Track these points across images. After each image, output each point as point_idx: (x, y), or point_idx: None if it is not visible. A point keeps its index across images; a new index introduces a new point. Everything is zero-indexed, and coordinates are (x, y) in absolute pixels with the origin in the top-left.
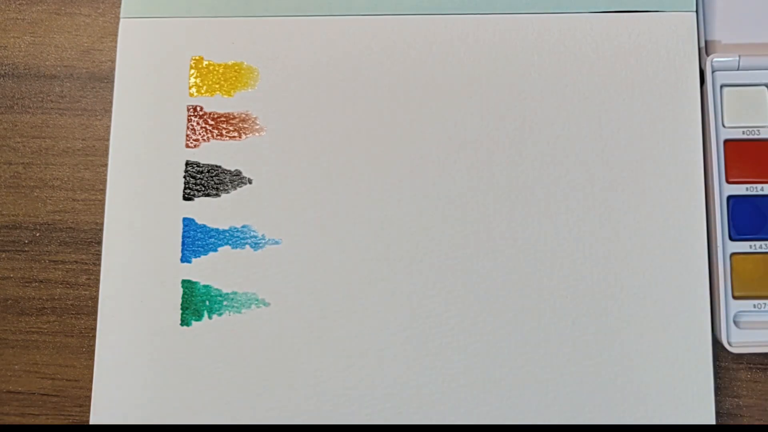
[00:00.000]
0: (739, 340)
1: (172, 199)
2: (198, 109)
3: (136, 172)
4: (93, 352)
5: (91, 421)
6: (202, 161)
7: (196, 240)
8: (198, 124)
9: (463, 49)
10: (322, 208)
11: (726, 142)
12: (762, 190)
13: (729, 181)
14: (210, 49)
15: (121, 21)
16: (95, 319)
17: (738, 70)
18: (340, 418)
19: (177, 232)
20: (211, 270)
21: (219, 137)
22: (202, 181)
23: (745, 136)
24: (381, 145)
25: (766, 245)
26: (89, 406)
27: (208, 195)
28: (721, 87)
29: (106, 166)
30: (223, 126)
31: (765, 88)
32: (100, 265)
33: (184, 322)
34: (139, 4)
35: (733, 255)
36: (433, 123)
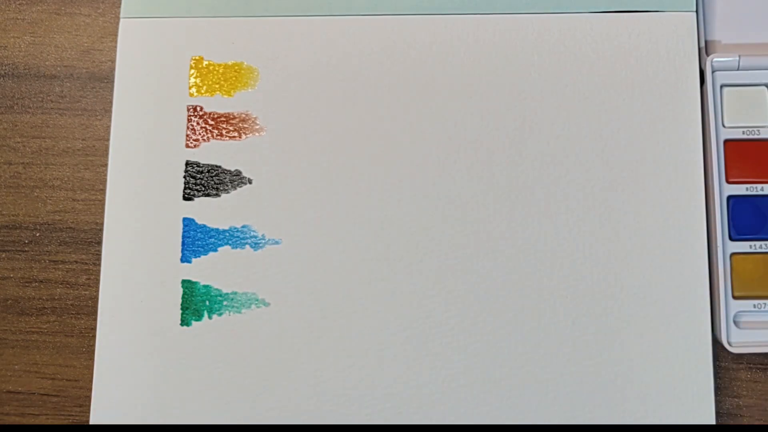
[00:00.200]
0: (739, 340)
1: (172, 199)
2: (198, 109)
3: (136, 172)
4: (93, 352)
5: (91, 421)
6: (202, 161)
7: (196, 240)
8: (198, 124)
9: (463, 49)
10: (322, 208)
11: (726, 142)
12: (762, 190)
13: (729, 181)
14: (210, 49)
15: (121, 21)
16: (95, 319)
17: (738, 70)
18: (340, 418)
19: (177, 232)
20: (211, 270)
21: (219, 137)
22: (202, 181)
23: (745, 136)
24: (381, 145)
25: (766, 245)
26: (89, 406)
27: (208, 195)
28: (721, 87)
29: (106, 166)
30: (223, 126)
31: (765, 88)
32: (100, 265)
33: (184, 322)
34: (139, 4)
35: (733, 255)
36: (433, 123)
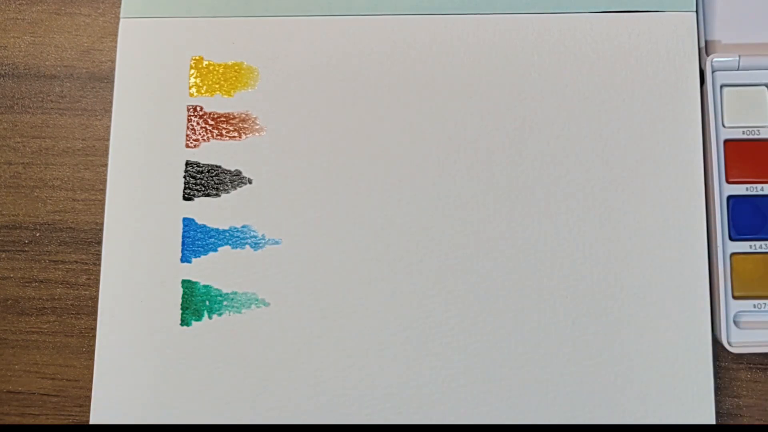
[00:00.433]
0: (739, 340)
1: (172, 199)
2: (198, 109)
3: (136, 172)
4: (93, 352)
5: (91, 421)
6: (202, 161)
7: (196, 240)
8: (198, 124)
9: (463, 49)
10: (322, 208)
11: (726, 142)
12: (762, 190)
13: (729, 181)
14: (210, 49)
15: (121, 21)
16: (95, 319)
17: (738, 70)
18: (340, 418)
19: (177, 232)
20: (211, 270)
21: (219, 137)
22: (202, 181)
23: (745, 136)
24: (381, 145)
25: (766, 245)
26: (89, 406)
27: (208, 195)
28: (721, 87)
29: (106, 166)
30: (223, 126)
31: (765, 88)
32: (100, 265)
33: (184, 322)
34: (139, 4)
35: (733, 255)
36: (433, 123)
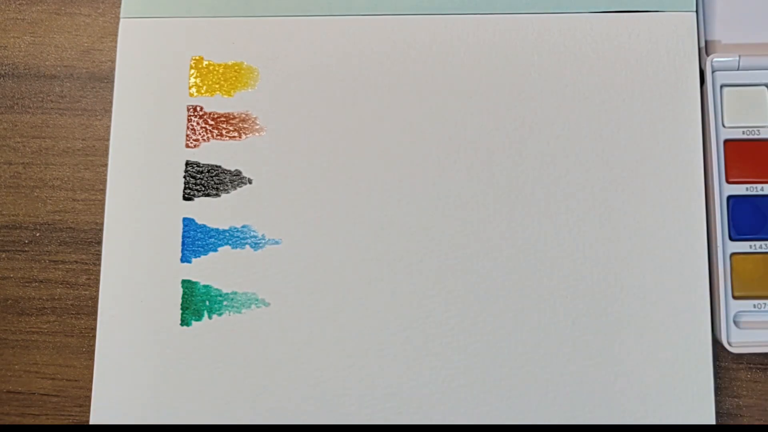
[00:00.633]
0: (739, 340)
1: (172, 199)
2: (198, 109)
3: (136, 172)
4: (93, 352)
5: (91, 421)
6: (202, 161)
7: (196, 240)
8: (198, 124)
9: (463, 49)
10: (322, 208)
11: (726, 142)
12: (762, 190)
13: (729, 181)
14: (210, 49)
15: (121, 21)
16: (95, 319)
17: (738, 70)
18: (340, 418)
19: (177, 232)
20: (211, 270)
21: (219, 137)
22: (202, 181)
23: (745, 136)
24: (381, 145)
25: (766, 245)
26: (89, 406)
27: (208, 195)
28: (721, 87)
29: (106, 166)
30: (223, 126)
31: (765, 88)
32: (100, 265)
33: (184, 322)
34: (139, 4)
35: (733, 255)
36: (433, 123)
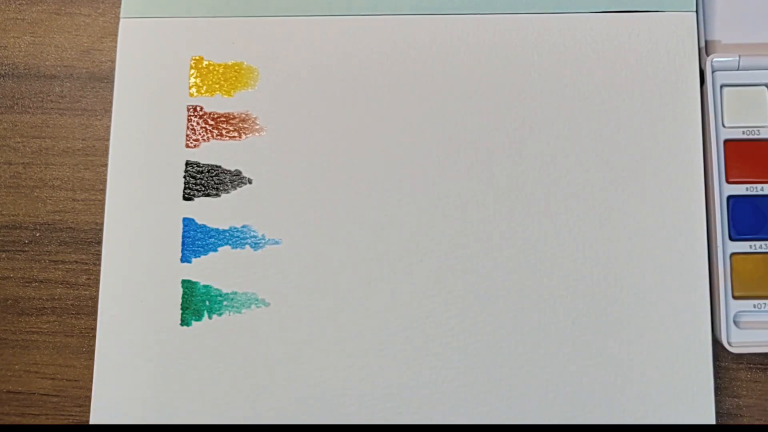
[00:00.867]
0: (739, 340)
1: (172, 199)
2: (198, 109)
3: (136, 172)
4: (93, 352)
5: (91, 421)
6: (202, 161)
7: (196, 240)
8: (198, 124)
9: (463, 49)
10: (322, 208)
11: (726, 142)
12: (762, 190)
13: (729, 181)
14: (210, 49)
15: (121, 21)
16: (95, 319)
17: (738, 70)
18: (340, 418)
19: (177, 232)
20: (211, 270)
21: (219, 137)
22: (202, 181)
23: (745, 136)
24: (381, 145)
25: (766, 245)
26: (89, 406)
27: (208, 195)
28: (721, 87)
29: (106, 166)
30: (223, 126)
31: (765, 88)
32: (100, 265)
33: (184, 322)
34: (139, 4)
35: (733, 255)
36: (433, 123)
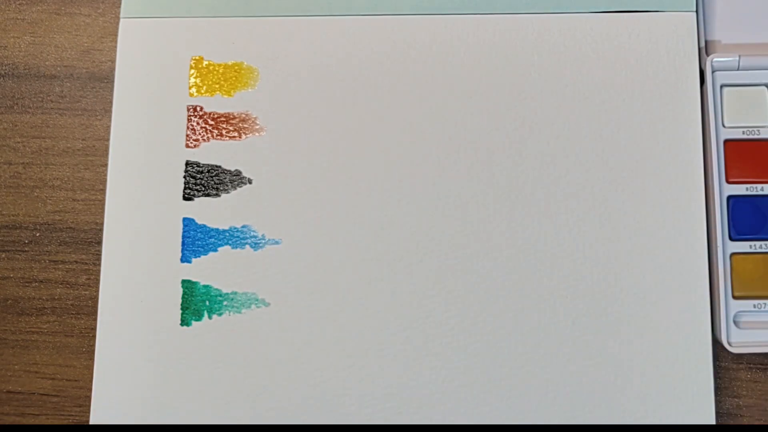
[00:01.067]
0: (739, 340)
1: (172, 199)
2: (198, 109)
3: (136, 172)
4: (93, 352)
5: (91, 421)
6: (202, 161)
7: (196, 240)
8: (198, 124)
9: (463, 49)
10: (322, 208)
11: (726, 142)
12: (762, 190)
13: (729, 181)
14: (210, 49)
15: (121, 21)
16: (95, 319)
17: (738, 70)
18: (340, 418)
19: (177, 232)
20: (211, 270)
21: (219, 137)
22: (202, 181)
23: (745, 136)
24: (381, 145)
25: (766, 245)
26: (89, 406)
27: (208, 195)
28: (721, 87)
29: (106, 166)
30: (223, 126)
31: (765, 88)
32: (100, 265)
33: (184, 322)
34: (139, 4)
35: (733, 255)
36: (433, 123)
